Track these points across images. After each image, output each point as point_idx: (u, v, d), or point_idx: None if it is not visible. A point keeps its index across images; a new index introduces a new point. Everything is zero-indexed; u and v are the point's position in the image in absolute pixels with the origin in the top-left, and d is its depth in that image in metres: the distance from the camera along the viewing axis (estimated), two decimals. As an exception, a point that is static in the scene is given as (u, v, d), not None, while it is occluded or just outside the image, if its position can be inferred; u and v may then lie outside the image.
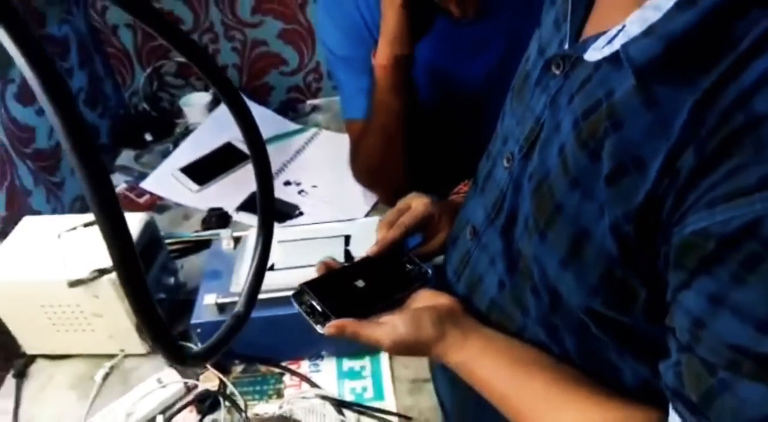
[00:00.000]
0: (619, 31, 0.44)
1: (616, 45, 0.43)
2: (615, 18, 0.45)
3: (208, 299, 0.86)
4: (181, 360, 0.38)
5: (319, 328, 0.62)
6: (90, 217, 0.97)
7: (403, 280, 0.69)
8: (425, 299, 0.65)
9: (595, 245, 0.47)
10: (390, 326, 0.61)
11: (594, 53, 0.46)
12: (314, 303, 0.64)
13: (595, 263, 0.47)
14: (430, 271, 0.70)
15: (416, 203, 0.76)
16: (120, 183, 1.33)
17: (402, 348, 0.62)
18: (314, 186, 1.28)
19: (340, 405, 0.85)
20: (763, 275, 0.36)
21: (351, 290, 0.66)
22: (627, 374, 0.54)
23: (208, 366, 0.91)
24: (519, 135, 0.56)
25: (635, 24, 0.42)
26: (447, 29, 0.96)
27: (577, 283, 0.49)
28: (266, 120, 1.44)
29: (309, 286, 0.65)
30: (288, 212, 1.21)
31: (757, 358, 0.38)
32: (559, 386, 0.55)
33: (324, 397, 0.86)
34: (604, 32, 0.46)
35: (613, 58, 0.44)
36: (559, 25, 0.54)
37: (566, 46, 0.52)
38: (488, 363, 0.59)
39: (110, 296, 0.87)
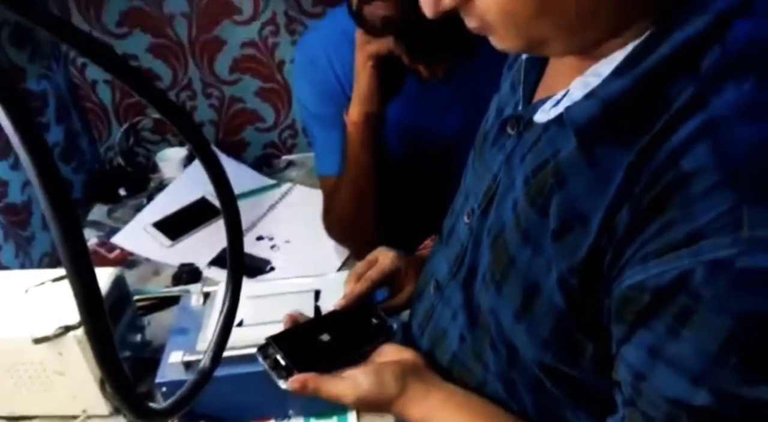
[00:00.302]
0: (564, 95, 0.47)
1: (561, 108, 0.46)
2: (562, 83, 0.48)
3: (174, 357, 0.85)
4: (145, 416, 0.38)
5: (281, 383, 0.62)
6: (58, 272, 0.96)
7: (368, 334, 0.69)
8: (389, 354, 0.65)
9: (545, 298, 0.48)
10: (352, 380, 0.61)
11: (542, 115, 0.49)
12: (278, 357, 0.64)
13: (546, 317, 0.49)
14: (395, 325, 0.71)
15: (383, 258, 0.77)
16: (91, 238, 1.32)
17: (365, 403, 0.62)
18: (287, 241, 1.28)
19: (307, 466, 0.83)
20: (695, 328, 0.38)
21: (316, 344, 0.66)
22: None
23: (173, 426, 0.89)
24: (478, 192, 0.59)
25: (578, 89, 0.45)
26: (417, 90, 1.00)
27: (530, 336, 0.51)
28: (241, 175, 1.46)
29: (275, 340, 0.66)
30: (259, 267, 1.21)
31: (693, 411, 0.40)
32: None
33: (291, 458, 0.84)
34: (552, 96, 0.49)
35: (559, 120, 0.47)
36: (515, 89, 0.57)
37: (520, 108, 0.55)
38: (448, 417, 0.60)
39: (75, 353, 0.86)
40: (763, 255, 0.35)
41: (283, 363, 0.64)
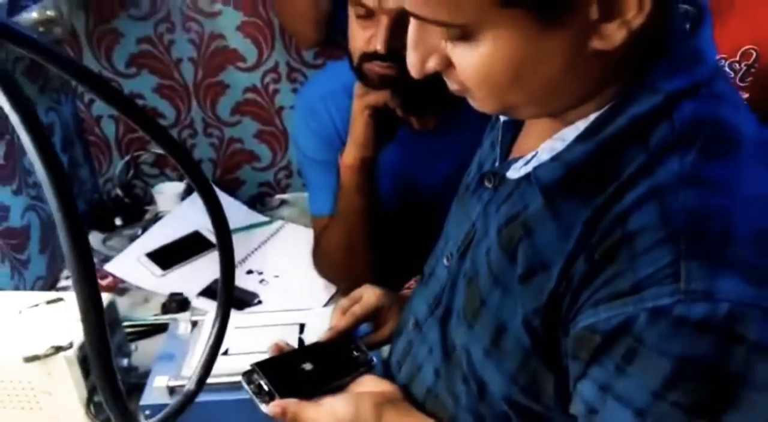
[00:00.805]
0: (533, 156, 0.53)
1: (530, 167, 0.52)
2: (533, 145, 0.54)
3: (159, 382, 0.88)
4: None
5: (263, 407, 0.65)
6: (53, 295, 0.99)
7: (348, 365, 0.73)
8: (368, 384, 0.69)
9: (512, 336, 0.53)
10: (330, 407, 0.65)
11: (513, 172, 0.55)
12: (262, 383, 0.67)
13: (513, 353, 0.53)
14: (374, 359, 0.74)
15: (368, 294, 0.81)
16: (85, 265, 1.35)
17: None
18: (276, 276, 1.32)
19: (282, 495, 0.85)
20: (638, 367, 0.43)
21: (298, 373, 0.69)
22: None
23: (153, 450, 0.90)
24: (458, 237, 0.64)
25: (546, 151, 0.51)
26: (409, 139, 1.06)
27: (498, 371, 0.55)
28: (235, 211, 1.50)
29: (259, 366, 0.69)
30: (247, 300, 1.25)
31: None
32: None
33: (267, 487, 0.86)
34: (524, 156, 0.55)
35: (528, 178, 0.53)
36: (494, 147, 0.63)
37: (496, 165, 0.60)
38: None
39: (64, 373, 0.88)
40: (698, 305, 0.40)
41: (266, 388, 0.67)
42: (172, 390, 0.86)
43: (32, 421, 0.93)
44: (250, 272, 1.33)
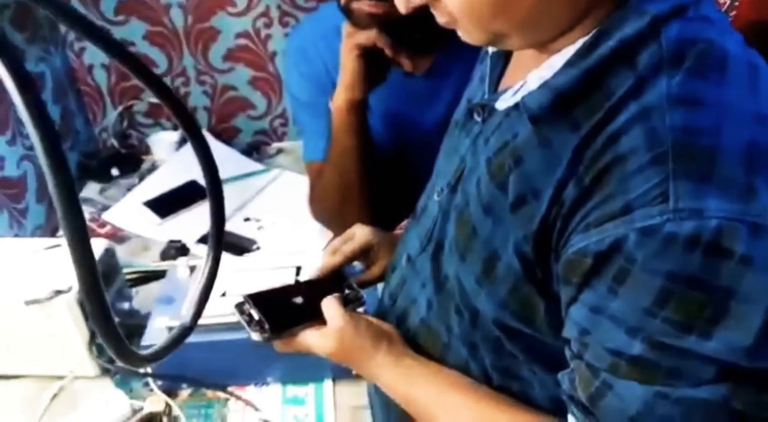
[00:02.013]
0: (522, 85, 0.53)
1: (519, 96, 0.52)
2: (521, 75, 0.54)
3: (159, 323, 0.90)
4: (130, 359, 0.43)
5: (255, 336, 0.67)
6: (51, 241, 1.01)
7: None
8: (370, 317, 0.71)
9: (503, 264, 0.54)
10: (335, 314, 0.67)
11: (502, 103, 0.55)
12: (253, 313, 0.68)
13: (504, 280, 0.54)
14: (364, 296, 0.76)
15: (359, 233, 0.82)
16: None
17: (340, 342, 0.66)
18: (273, 223, 1.33)
19: (281, 428, 0.88)
20: (630, 286, 0.44)
21: (289, 305, 0.71)
22: (536, 389, 0.60)
23: (155, 388, 0.94)
24: (448, 172, 0.64)
25: (534, 80, 0.51)
26: (402, 80, 1.05)
27: (490, 299, 0.56)
28: (231, 160, 1.51)
29: (251, 297, 0.70)
30: (246, 246, 1.26)
31: (630, 360, 0.45)
32: (478, 402, 0.61)
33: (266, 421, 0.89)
34: (513, 86, 0.55)
35: (517, 107, 0.53)
36: (483, 80, 0.63)
37: (485, 97, 0.60)
38: (417, 381, 0.64)
39: (65, 316, 0.90)
40: (687, 223, 0.41)
41: (256, 317, 0.69)
42: (171, 330, 0.88)
43: (41, 363, 0.96)
44: (247, 219, 1.34)
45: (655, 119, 0.43)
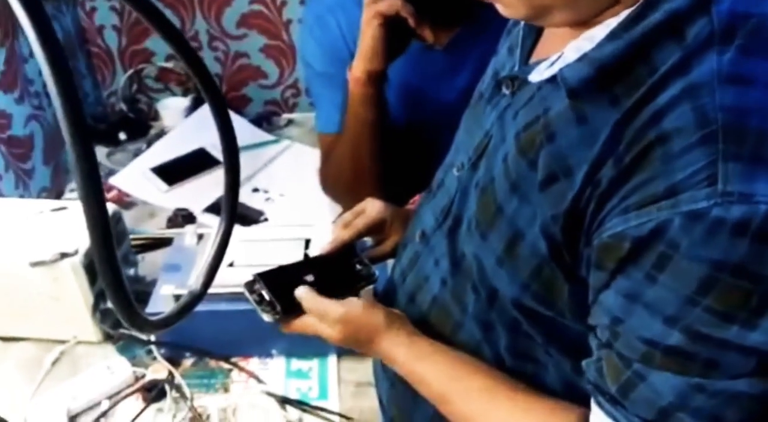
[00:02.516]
0: (559, 57, 0.50)
1: (555, 69, 0.49)
2: (557, 46, 0.51)
3: (166, 290, 0.88)
4: (139, 324, 0.41)
5: (266, 316, 0.66)
6: (58, 203, 0.99)
7: (351, 279, 0.73)
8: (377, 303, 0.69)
9: (528, 244, 0.51)
10: (345, 301, 0.65)
11: (536, 75, 0.52)
12: (264, 293, 0.67)
13: (527, 261, 0.52)
14: (377, 272, 0.74)
15: (371, 208, 0.80)
16: (90, 178, 1.34)
17: (348, 326, 0.65)
18: (282, 195, 1.31)
19: (283, 402, 0.87)
20: (670, 274, 0.42)
21: (300, 284, 0.69)
22: (551, 372, 0.58)
23: (158, 356, 0.93)
24: (469, 146, 0.62)
25: (572, 51, 0.48)
26: (421, 53, 1.02)
27: (511, 279, 0.54)
28: (241, 129, 1.48)
29: (261, 276, 0.69)
30: (254, 217, 1.24)
31: (666, 350, 0.43)
32: (493, 386, 0.59)
33: (269, 394, 0.88)
34: (548, 58, 0.52)
35: (552, 80, 0.50)
36: (512, 52, 0.60)
37: (516, 69, 0.57)
38: (430, 361, 0.63)
39: (69, 279, 0.89)
40: (735, 207, 0.39)
41: (267, 298, 0.67)
42: (178, 298, 0.87)
43: (43, 325, 0.95)
44: (256, 190, 1.32)
45: (704, 96, 0.41)
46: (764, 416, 0.43)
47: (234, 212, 0.54)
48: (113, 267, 0.36)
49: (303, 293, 0.66)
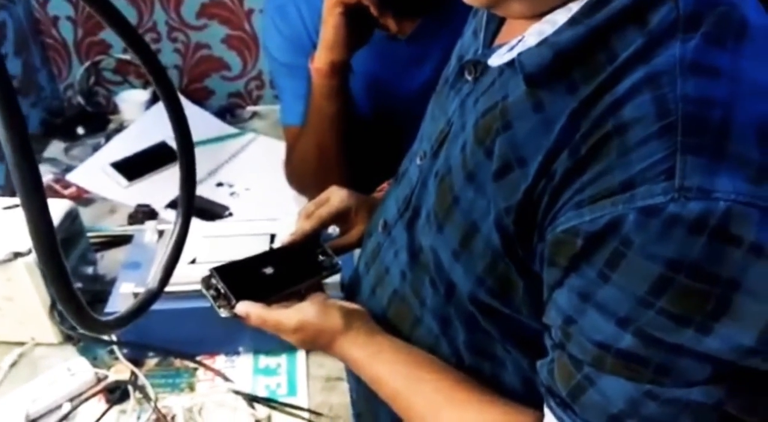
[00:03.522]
0: (519, 41, 0.48)
1: (515, 53, 0.47)
2: (519, 30, 0.49)
3: (125, 289, 0.86)
4: (91, 326, 0.39)
5: (222, 312, 0.64)
6: (10, 201, 0.95)
7: (312, 269, 0.71)
8: (336, 300, 0.67)
9: (482, 237, 0.50)
10: (297, 308, 0.63)
11: (496, 59, 0.50)
12: (220, 287, 0.65)
13: (482, 255, 0.50)
14: (339, 263, 0.73)
15: (334, 197, 0.79)
16: (46, 174, 1.30)
17: (306, 333, 0.63)
18: (247, 189, 1.29)
19: (251, 399, 0.86)
20: (624, 272, 0.40)
21: (258, 276, 0.68)
22: (509, 370, 0.57)
23: (120, 356, 0.90)
24: (432, 135, 0.60)
25: (533, 36, 0.47)
26: (385, 43, 1.00)
27: (466, 274, 0.52)
28: (204, 122, 1.45)
29: (218, 271, 0.67)
30: (218, 212, 1.22)
31: (617, 354, 0.42)
32: (448, 387, 0.58)
33: (236, 392, 0.86)
34: (509, 42, 0.50)
35: (512, 65, 0.48)
36: (476, 36, 0.58)
37: (478, 53, 0.56)
38: (387, 361, 0.61)
39: (24, 279, 0.86)
40: (693, 204, 0.37)
41: (223, 292, 0.65)
42: (137, 297, 0.85)
43: (-2, 328, 0.91)
44: (220, 184, 1.30)
45: (665, 85, 0.39)
46: None
47: (191, 207, 0.52)
48: (57, 266, 0.34)
49: (250, 309, 0.63)
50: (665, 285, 0.38)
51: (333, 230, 0.85)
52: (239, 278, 0.66)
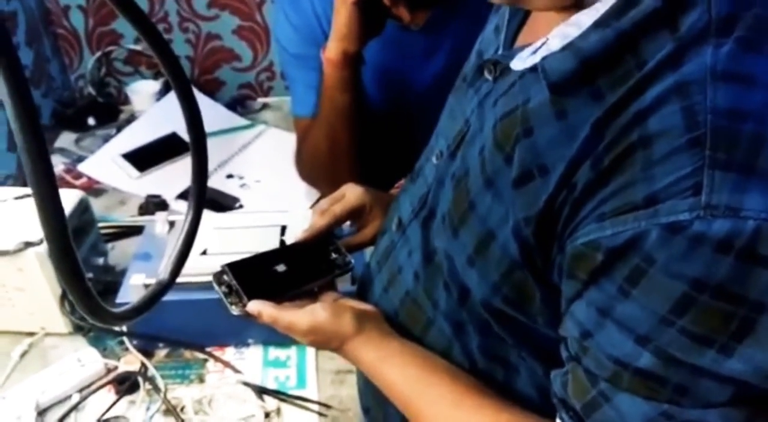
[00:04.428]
0: (543, 43, 0.46)
1: (538, 57, 0.45)
2: (543, 30, 0.47)
3: (136, 280, 0.86)
4: (102, 317, 0.39)
5: (233, 310, 0.64)
6: (21, 191, 0.95)
7: (324, 268, 0.70)
8: (349, 300, 0.66)
9: (499, 245, 0.48)
10: (310, 310, 0.62)
11: (518, 63, 0.48)
12: (232, 284, 0.65)
13: (498, 263, 0.49)
14: (352, 261, 0.72)
15: (350, 193, 0.77)
16: (58, 164, 1.30)
17: (318, 336, 0.62)
18: (257, 181, 1.28)
19: (261, 391, 0.85)
20: (645, 289, 0.38)
21: (271, 274, 0.67)
22: (523, 377, 0.56)
23: (130, 347, 0.90)
24: (450, 134, 0.59)
25: (557, 39, 0.44)
26: (397, 34, 0.99)
27: (481, 280, 0.51)
28: (214, 113, 1.44)
29: (230, 267, 0.66)
30: (228, 204, 1.22)
31: (635, 372, 0.40)
32: (459, 393, 0.57)
33: (245, 384, 0.86)
34: (532, 43, 0.48)
35: (535, 69, 0.46)
36: (498, 32, 0.56)
37: (499, 53, 0.54)
38: (398, 365, 0.60)
39: (35, 270, 0.86)
40: (720, 222, 0.35)
41: (235, 289, 0.65)
42: (148, 288, 0.84)
43: (10, 318, 0.92)
44: (230, 176, 1.29)
45: (695, 95, 0.37)
46: None
47: (203, 198, 0.52)
48: (69, 256, 0.34)
49: (262, 308, 0.62)
50: (688, 305, 0.37)
51: (348, 226, 0.84)
52: (251, 275, 0.66)
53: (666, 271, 0.37)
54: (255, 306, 0.63)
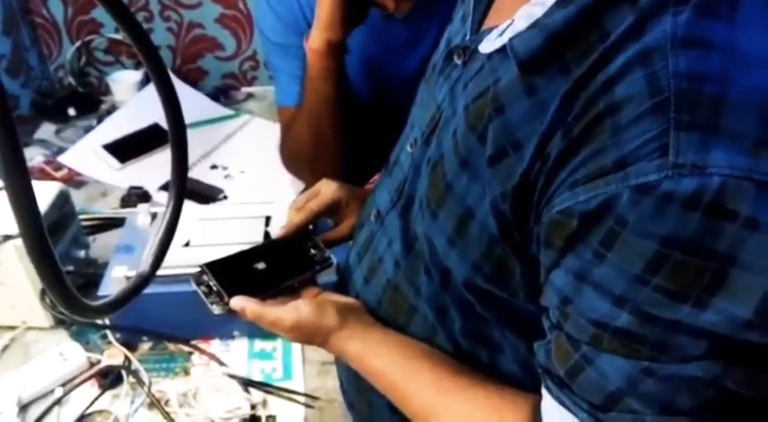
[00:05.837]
0: (509, 25, 0.47)
1: (505, 38, 0.47)
2: (508, 13, 0.48)
3: (118, 272, 0.85)
4: (80, 311, 0.38)
5: (215, 309, 0.63)
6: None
7: (304, 264, 0.70)
8: (330, 294, 0.67)
9: (478, 223, 0.49)
10: (293, 306, 0.63)
11: (487, 45, 0.50)
12: (211, 284, 0.64)
13: (478, 241, 0.50)
14: (332, 257, 0.72)
15: (325, 189, 0.78)
16: (37, 156, 1.28)
17: (301, 331, 0.63)
18: (241, 172, 1.27)
19: (246, 384, 0.85)
20: (618, 251, 0.39)
21: (250, 272, 0.67)
22: (507, 355, 0.57)
23: (113, 341, 0.89)
24: (422, 122, 0.59)
25: (522, 19, 0.46)
26: (381, 23, 0.98)
27: (462, 260, 0.52)
28: (197, 103, 1.43)
29: (209, 266, 0.66)
30: (212, 195, 1.21)
31: (615, 332, 0.41)
32: (444, 377, 0.58)
33: (231, 376, 0.86)
34: (498, 26, 0.49)
35: (502, 50, 0.47)
36: (465, 20, 0.57)
37: (467, 38, 0.55)
38: (382, 354, 0.61)
39: (14, 262, 0.84)
40: (687, 180, 0.36)
41: (215, 289, 0.65)
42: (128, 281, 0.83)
43: (-13, 312, 0.90)
44: (214, 167, 1.28)
45: (657, 62, 0.38)
46: (716, 402, 0.41)
47: (183, 189, 0.51)
48: (43, 249, 0.33)
49: (246, 304, 0.63)
50: (660, 262, 0.38)
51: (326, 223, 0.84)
52: (231, 274, 0.66)
53: (638, 231, 0.38)
54: (238, 302, 0.63)
